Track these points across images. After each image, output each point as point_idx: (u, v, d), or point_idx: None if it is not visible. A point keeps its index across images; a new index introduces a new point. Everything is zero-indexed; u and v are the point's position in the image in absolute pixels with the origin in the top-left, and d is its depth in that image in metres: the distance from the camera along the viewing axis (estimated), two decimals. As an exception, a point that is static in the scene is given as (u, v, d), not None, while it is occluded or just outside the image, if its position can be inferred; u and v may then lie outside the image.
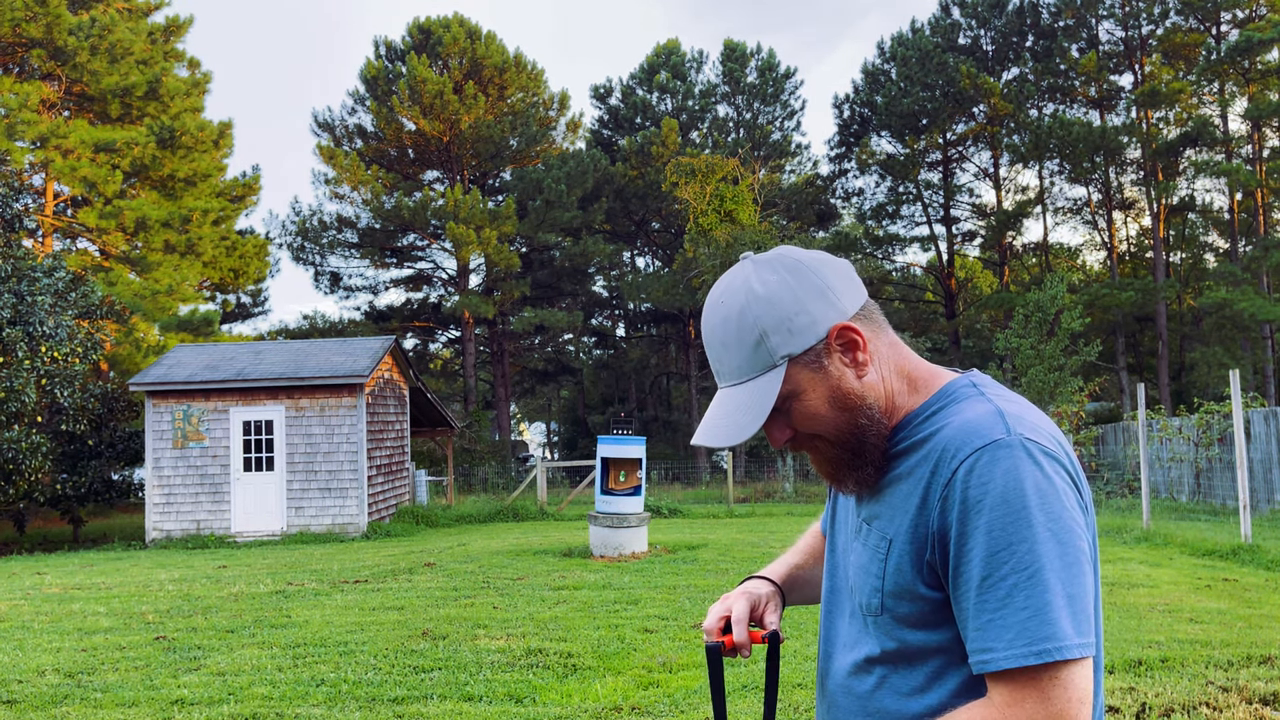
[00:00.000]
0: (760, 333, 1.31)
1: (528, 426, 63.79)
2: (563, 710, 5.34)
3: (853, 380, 1.32)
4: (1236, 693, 5.15)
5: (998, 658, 1.17)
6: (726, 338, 1.34)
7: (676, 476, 32.06)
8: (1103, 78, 36.61)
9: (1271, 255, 30.63)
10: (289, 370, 17.93)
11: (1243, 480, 10.76)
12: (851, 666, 1.38)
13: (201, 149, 31.41)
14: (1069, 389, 22.01)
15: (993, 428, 1.24)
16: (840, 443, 1.34)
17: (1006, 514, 1.18)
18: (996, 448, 1.22)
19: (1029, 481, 1.20)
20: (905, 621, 1.30)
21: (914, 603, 1.29)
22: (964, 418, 1.28)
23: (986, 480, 1.20)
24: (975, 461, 1.22)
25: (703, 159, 33.83)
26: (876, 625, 1.34)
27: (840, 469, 1.36)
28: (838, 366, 1.31)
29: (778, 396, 1.30)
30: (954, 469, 1.23)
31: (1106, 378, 35.13)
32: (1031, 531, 1.18)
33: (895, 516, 1.31)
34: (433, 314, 41.75)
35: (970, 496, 1.21)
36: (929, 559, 1.26)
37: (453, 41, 37.57)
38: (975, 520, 1.20)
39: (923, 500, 1.27)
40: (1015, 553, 1.17)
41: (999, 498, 1.19)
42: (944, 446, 1.27)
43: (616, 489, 12.60)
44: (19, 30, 27.98)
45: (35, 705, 5.78)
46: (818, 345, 1.31)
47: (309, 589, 10.12)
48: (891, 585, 1.30)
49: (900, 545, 1.29)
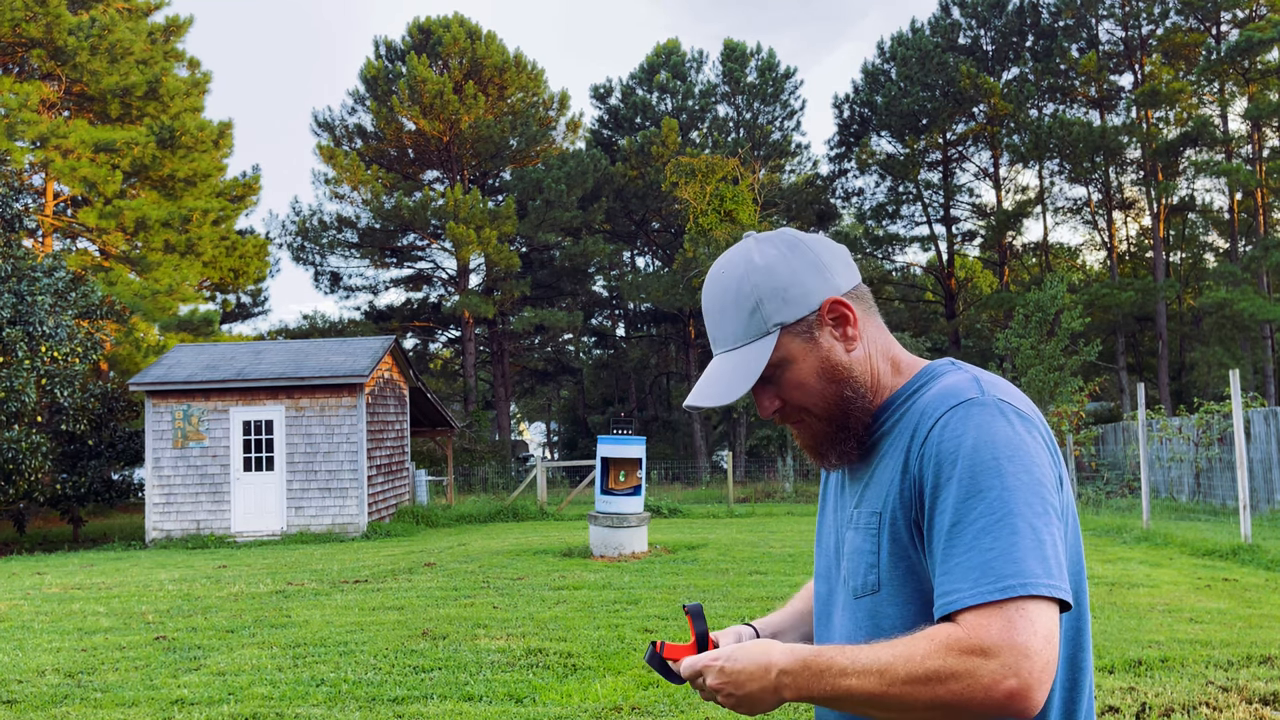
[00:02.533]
0: (756, 300, 1.35)
1: (528, 426, 63.77)
2: (563, 710, 5.34)
3: (841, 353, 1.36)
4: (1236, 692, 5.15)
5: (962, 597, 1.16)
6: (724, 304, 1.38)
7: (676, 476, 32.06)
8: (1103, 78, 36.61)
9: (1271, 255, 30.62)
10: (289, 370, 17.93)
11: (1243, 480, 10.76)
12: None
13: (201, 149, 31.40)
14: (1069, 389, 22.01)
15: (967, 389, 1.29)
16: (826, 415, 1.37)
17: (976, 463, 1.21)
18: (970, 405, 1.26)
19: (1000, 435, 1.23)
20: (902, 595, 1.30)
21: (910, 573, 1.29)
22: (941, 384, 1.33)
23: (960, 434, 1.23)
24: (950, 418, 1.25)
25: (703, 159, 33.83)
26: (872, 607, 1.33)
27: (823, 442, 1.39)
28: (828, 339, 1.36)
29: (768, 364, 1.34)
30: (929, 427, 1.27)
31: (1106, 378, 35.14)
32: (1001, 479, 1.19)
33: (882, 491, 1.33)
34: (433, 314, 41.74)
35: (944, 450, 1.24)
36: (915, 518, 1.28)
37: (453, 41, 37.56)
38: (948, 471, 1.22)
39: (904, 465, 1.29)
40: (985, 498, 1.19)
41: (970, 449, 1.22)
42: (918, 413, 1.31)
43: (616, 489, 12.60)
44: (19, 30, 27.97)
45: (35, 705, 5.78)
46: (810, 316, 1.36)
47: (309, 589, 10.12)
48: (888, 559, 1.30)
49: (891, 516, 1.31)
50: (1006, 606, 1.13)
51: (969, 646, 1.13)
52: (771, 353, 1.34)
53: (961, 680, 1.12)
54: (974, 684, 1.12)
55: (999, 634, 1.12)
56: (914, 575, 1.29)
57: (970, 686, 1.12)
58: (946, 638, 1.15)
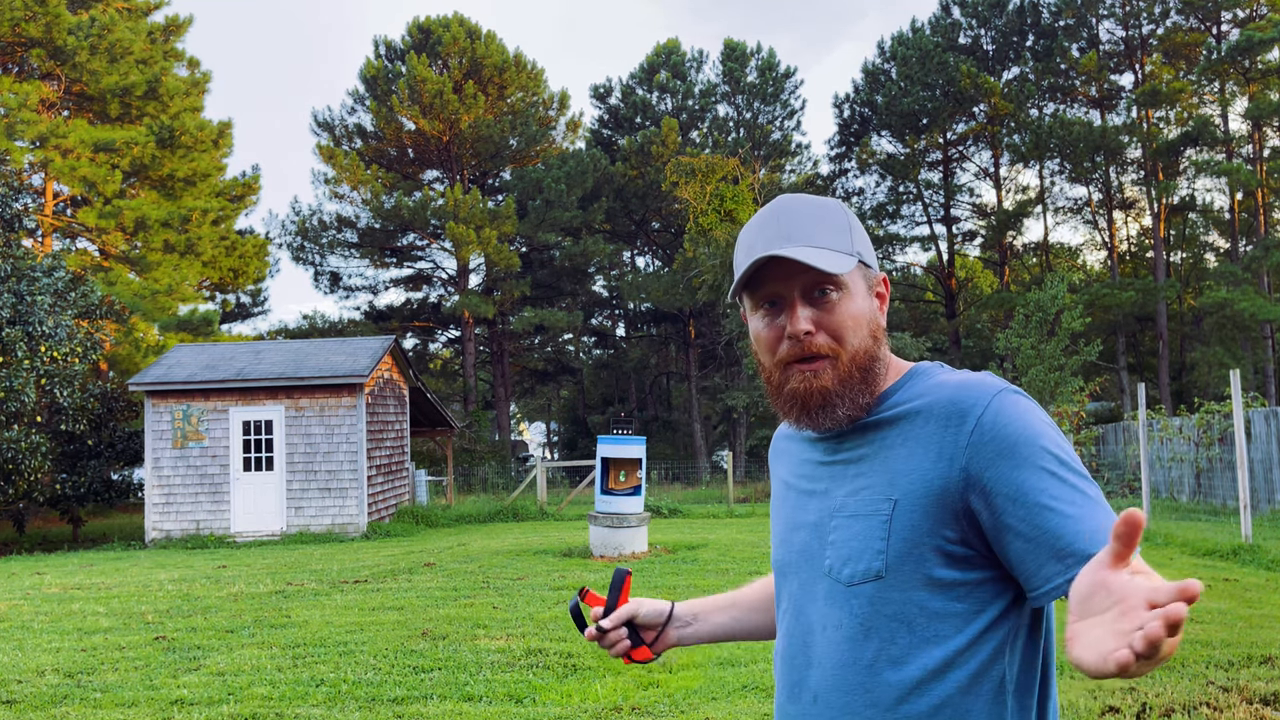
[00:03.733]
0: (848, 227, 1.40)
1: (528, 426, 63.77)
2: (563, 710, 5.34)
3: (879, 322, 1.41)
4: (1237, 693, 5.14)
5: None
6: (820, 214, 1.40)
7: (676, 476, 32.05)
8: (1103, 77, 36.61)
9: (1272, 255, 30.62)
10: (289, 370, 17.92)
11: (1243, 480, 10.75)
12: (845, 642, 1.33)
13: (201, 149, 31.39)
14: (1069, 389, 22.00)
15: (994, 380, 1.32)
16: (855, 359, 1.36)
17: (1051, 441, 1.26)
18: (1008, 393, 1.30)
19: (1048, 420, 1.30)
20: (909, 581, 1.29)
21: (919, 559, 1.28)
22: (955, 381, 1.34)
23: (1021, 413, 1.28)
24: (998, 404, 1.28)
25: (703, 159, 33.83)
26: (874, 593, 1.31)
27: (842, 386, 1.35)
28: (873, 305, 1.41)
29: (836, 279, 1.35)
30: (978, 417, 1.28)
31: (1107, 378, 35.14)
32: (1074, 456, 1.27)
33: (896, 479, 1.32)
34: (433, 314, 41.74)
35: (1011, 428, 1.26)
36: (959, 509, 1.27)
37: (452, 41, 37.56)
38: (1025, 450, 1.25)
39: (937, 455, 1.29)
40: (1073, 468, 1.24)
41: (1036, 431, 1.26)
42: (948, 403, 1.31)
43: (616, 489, 12.60)
44: (19, 30, 27.97)
45: (35, 705, 5.78)
46: (872, 274, 1.42)
47: (309, 589, 10.11)
48: (900, 545, 1.30)
49: (910, 503, 1.30)
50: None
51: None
52: (852, 268, 1.36)
53: None
54: None
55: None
56: (921, 561, 1.29)
57: None
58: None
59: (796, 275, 1.34)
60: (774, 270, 1.36)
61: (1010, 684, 1.29)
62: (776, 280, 1.36)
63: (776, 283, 1.36)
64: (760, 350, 1.41)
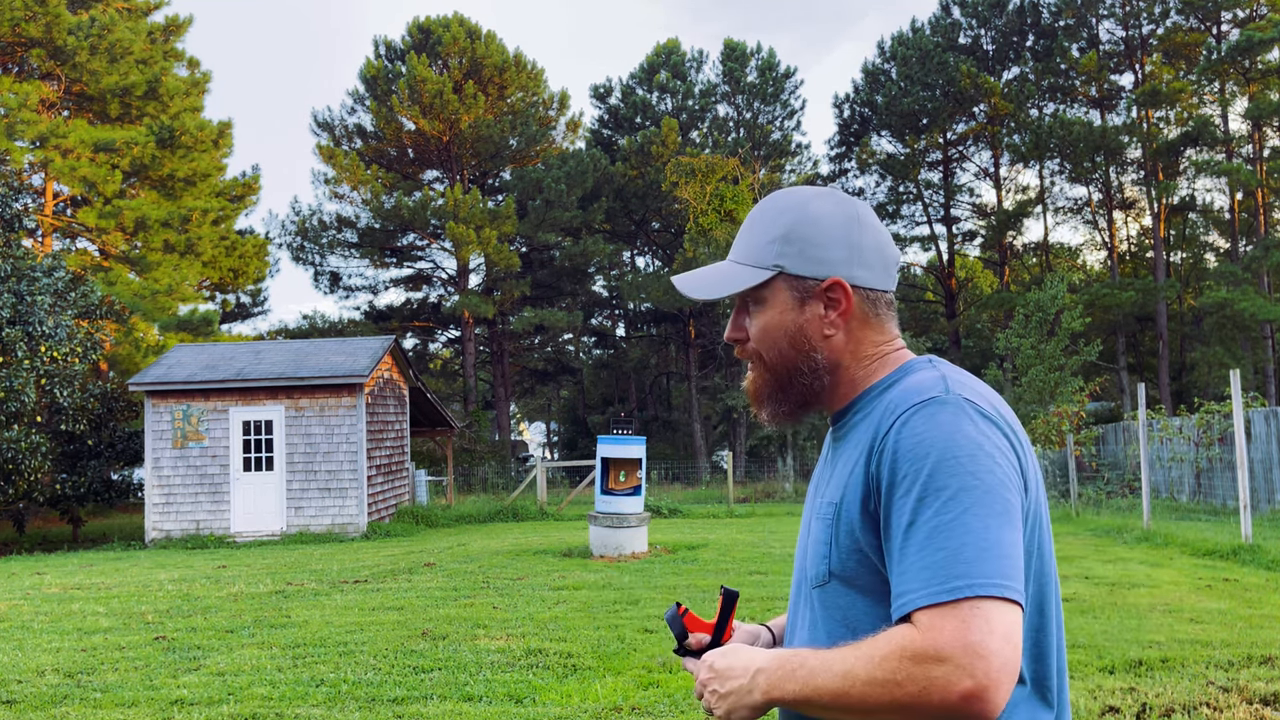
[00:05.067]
0: (780, 235, 1.38)
1: (528, 426, 63.77)
2: (563, 710, 5.34)
3: (816, 329, 1.38)
4: (1237, 693, 5.14)
5: (916, 598, 1.15)
6: (758, 221, 1.42)
7: (676, 476, 32.05)
8: (1103, 77, 36.61)
9: (1272, 255, 30.62)
10: (289, 370, 17.92)
11: (1243, 480, 10.75)
12: (807, 644, 1.36)
13: (201, 149, 31.38)
14: (1069, 389, 22.00)
15: (933, 387, 1.29)
16: (771, 369, 1.40)
17: (935, 463, 1.20)
18: (933, 403, 1.25)
19: (960, 435, 1.22)
20: (852, 585, 1.30)
21: (862, 565, 1.28)
22: (908, 381, 1.33)
23: (920, 432, 1.23)
24: (912, 415, 1.25)
25: (703, 159, 33.83)
26: (824, 597, 1.33)
27: (760, 392, 1.43)
28: (813, 311, 1.38)
29: (749, 294, 1.40)
30: (891, 423, 1.27)
31: (1107, 378, 35.13)
32: (957, 480, 1.18)
33: (841, 481, 1.33)
34: (433, 314, 41.73)
35: (902, 447, 1.23)
36: (873, 509, 1.27)
37: (452, 41, 37.56)
38: (904, 469, 1.22)
39: (865, 459, 1.29)
40: (939, 498, 1.18)
41: (928, 448, 1.21)
42: (882, 409, 1.31)
43: (616, 489, 12.60)
44: (19, 30, 27.96)
45: (35, 705, 5.78)
46: (811, 281, 1.37)
47: (309, 589, 10.11)
48: (842, 548, 1.30)
49: (848, 505, 1.30)
50: (960, 607, 1.12)
51: (921, 648, 1.12)
52: (757, 285, 1.38)
53: (917, 682, 1.11)
54: (929, 686, 1.10)
55: (952, 635, 1.11)
56: (866, 567, 1.28)
57: (926, 689, 1.10)
58: (901, 639, 1.14)
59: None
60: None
61: None
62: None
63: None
64: None
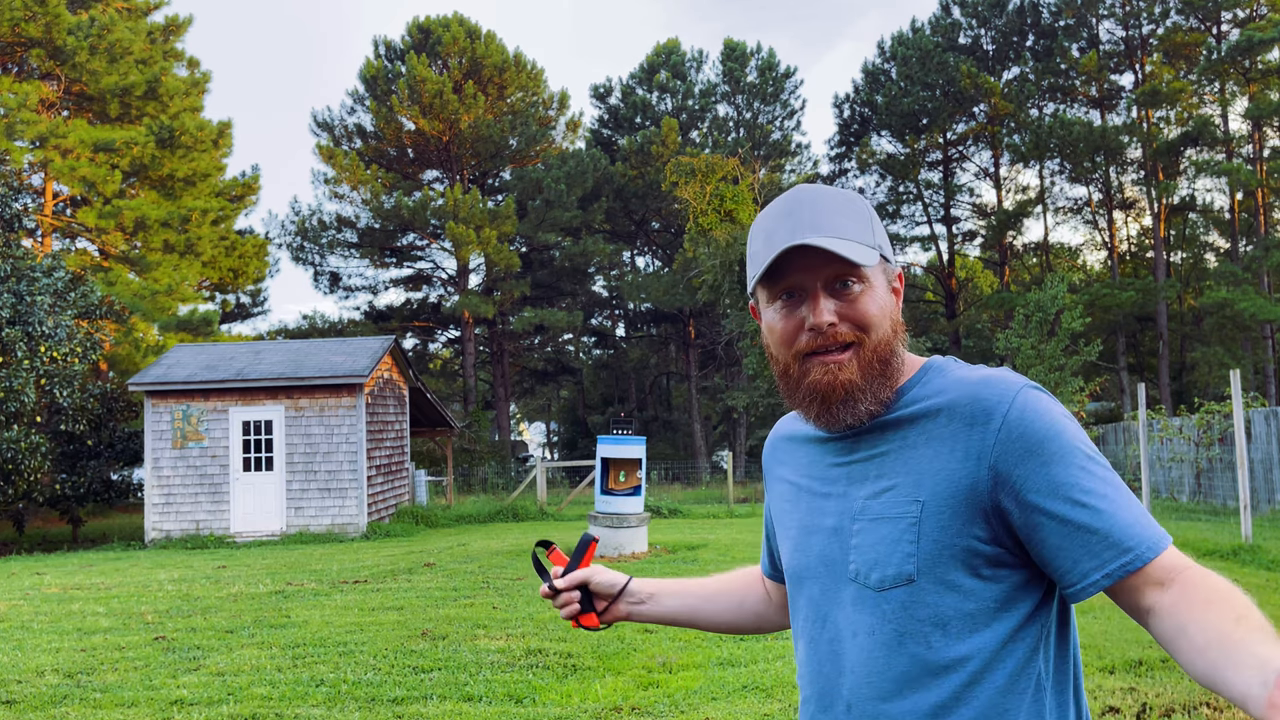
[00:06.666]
0: (870, 219, 1.37)
1: (528, 426, 63.76)
2: (563, 710, 5.33)
3: (899, 315, 1.38)
4: (1238, 693, 5.13)
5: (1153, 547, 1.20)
6: (843, 206, 1.35)
7: (676, 476, 32.05)
8: (1103, 77, 36.61)
9: (1272, 255, 30.62)
10: (288, 370, 17.92)
11: (1243, 480, 10.74)
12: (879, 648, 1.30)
13: (201, 149, 31.38)
14: (1069, 389, 21.98)
15: (1015, 377, 1.31)
16: (877, 350, 1.33)
17: (1074, 438, 1.25)
18: (1030, 389, 1.28)
19: (1067, 415, 1.29)
20: (942, 583, 1.27)
21: (952, 561, 1.27)
22: (977, 377, 1.32)
23: (1043, 411, 1.26)
24: (1024, 405, 1.27)
25: (703, 159, 33.81)
26: (906, 597, 1.29)
27: (866, 379, 1.32)
28: (893, 298, 1.38)
29: (860, 271, 1.31)
30: (1004, 414, 1.27)
31: (1107, 378, 35.12)
32: (1097, 453, 1.27)
33: (922, 480, 1.29)
34: (432, 314, 41.73)
35: (1033, 431, 1.25)
36: (989, 508, 1.26)
37: (452, 41, 37.56)
38: (1052, 446, 1.24)
39: (964, 454, 1.27)
40: (1100, 464, 1.25)
41: (1060, 427, 1.26)
42: (972, 401, 1.29)
43: (616, 489, 12.59)
44: (18, 30, 27.96)
45: (35, 705, 5.77)
46: (892, 269, 1.39)
47: (308, 589, 10.11)
48: (931, 547, 1.27)
49: (938, 504, 1.27)
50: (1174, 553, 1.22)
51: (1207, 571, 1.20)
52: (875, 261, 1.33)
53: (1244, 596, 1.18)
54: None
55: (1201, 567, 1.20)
56: (953, 562, 1.27)
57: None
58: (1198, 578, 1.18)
59: (820, 266, 1.30)
60: (796, 260, 1.31)
61: (1047, 681, 1.29)
62: (799, 271, 1.31)
63: (799, 273, 1.31)
64: (775, 343, 1.37)
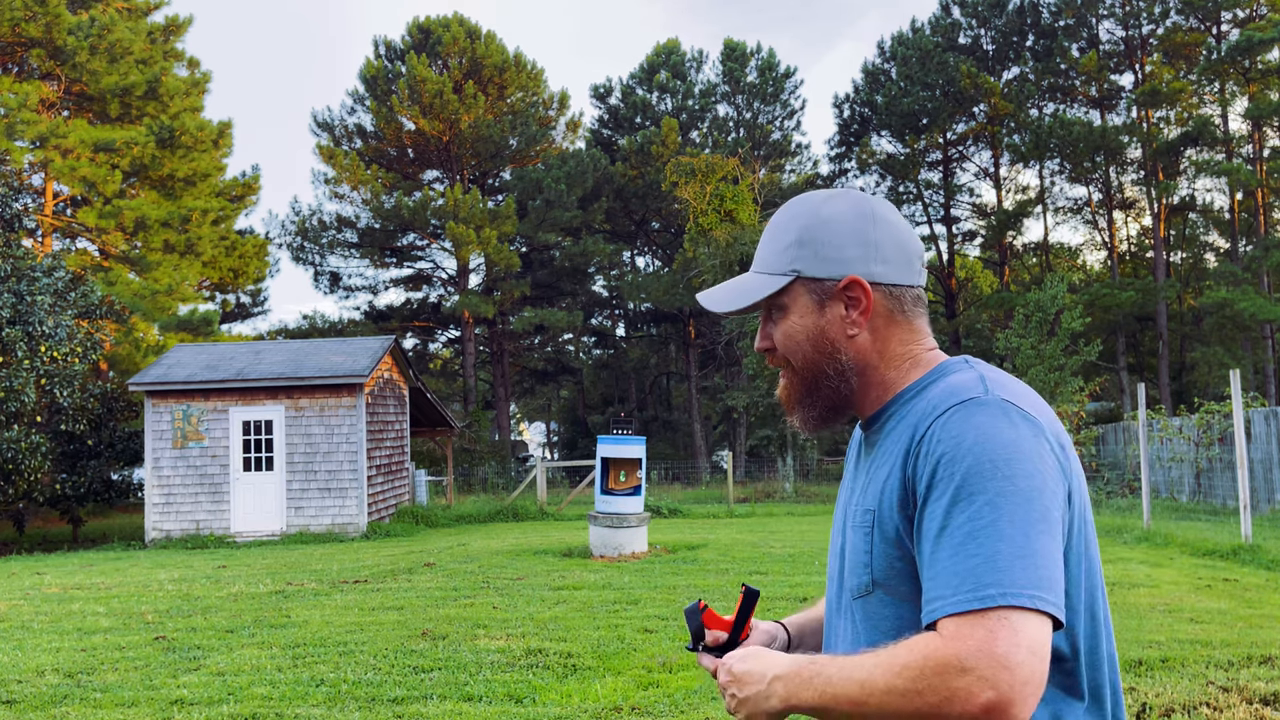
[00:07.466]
0: (794, 240, 1.38)
1: (528, 426, 63.76)
2: (563, 710, 5.33)
3: (839, 330, 1.36)
4: (1237, 693, 5.14)
5: (942, 605, 1.13)
6: (775, 229, 1.43)
7: (676, 476, 32.05)
8: (1103, 77, 36.60)
9: (1272, 255, 30.61)
10: (289, 370, 17.92)
11: (1243, 480, 10.75)
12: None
13: (201, 149, 31.37)
14: (1069, 389, 21.98)
15: (971, 388, 1.26)
16: (800, 374, 1.40)
17: (971, 466, 1.17)
18: (972, 404, 1.23)
19: (1000, 437, 1.19)
20: (896, 595, 1.27)
21: (905, 573, 1.26)
22: (946, 382, 1.30)
23: (957, 434, 1.20)
24: (950, 417, 1.23)
25: (703, 159, 33.81)
26: (867, 608, 1.31)
27: (791, 399, 1.43)
28: (834, 312, 1.36)
29: (770, 301, 1.40)
30: (929, 425, 1.24)
31: (1107, 378, 35.12)
32: (995, 484, 1.15)
33: (877, 487, 1.31)
34: (432, 314, 41.73)
35: (939, 450, 1.21)
36: (911, 514, 1.25)
37: (452, 41, 37.56)
38: (942, 472, 1.19)
39: (902, 462, 1.27)
40: (975, 502, 1.15)
41: (966, 451, 1.18)
42: (920, 411, 1.29)
43: (616, 489, 12.59)
44: (18, 30, 27.96)
45: (35, 705, 5.77)
46: (829, 282, 1.36)
47: (309, 589, 10.11)
48: (881, 556, 1.27)
49: (885, 511, 1.28)
50: (988, 616, 1.10)
51: (945, 657, 1.10)
52: (777, 292, 1.38)
53: (938, 693, 1.09)
54: (951, 697, 1.08)
55: (978, 645, 1.08)
56: (910, 575, 1.25)
57: (948, 699, 1.09)
58: (925, 647, 1.12)
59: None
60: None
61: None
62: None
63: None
64: None
